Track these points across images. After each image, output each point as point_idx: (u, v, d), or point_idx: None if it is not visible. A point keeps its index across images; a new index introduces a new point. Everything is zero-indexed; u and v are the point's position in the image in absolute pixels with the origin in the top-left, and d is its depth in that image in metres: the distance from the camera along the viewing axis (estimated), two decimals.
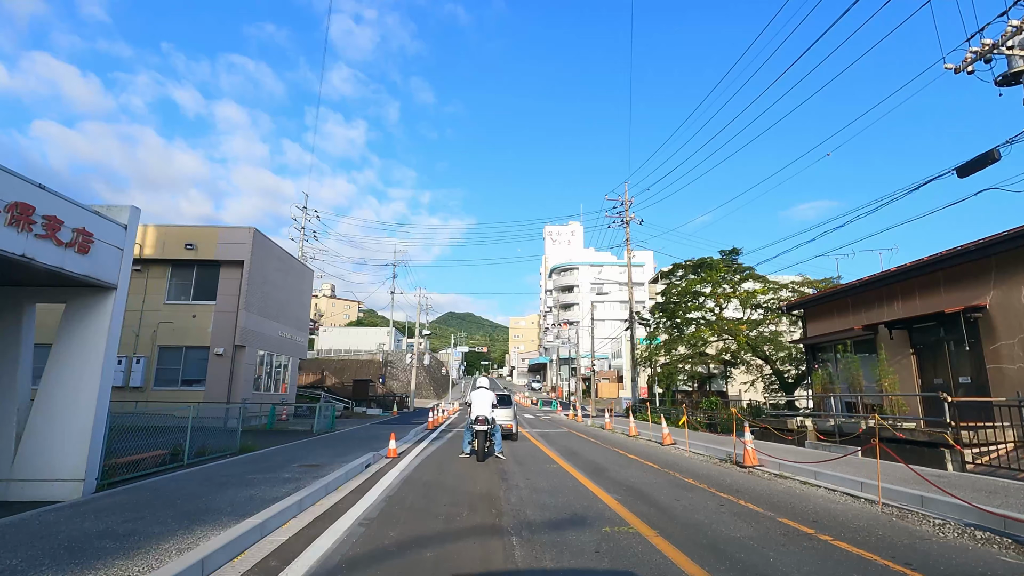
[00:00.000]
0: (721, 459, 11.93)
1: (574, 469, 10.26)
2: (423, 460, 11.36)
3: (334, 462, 9.74)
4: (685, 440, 14.67)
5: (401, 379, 67.68)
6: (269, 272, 22.33)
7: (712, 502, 7.17)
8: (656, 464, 11.16)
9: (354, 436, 16.12)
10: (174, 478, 7.81)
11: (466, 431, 11.94)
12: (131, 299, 21.27)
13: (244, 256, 20.59)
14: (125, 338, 20.03)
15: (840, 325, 15.29)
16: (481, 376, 13.51)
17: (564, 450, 13.81)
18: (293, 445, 13.10)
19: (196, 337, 20.40)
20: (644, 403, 32.55)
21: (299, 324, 26.09)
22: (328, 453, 11.26)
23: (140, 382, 19.78)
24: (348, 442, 14.04)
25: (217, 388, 19.87)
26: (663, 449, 14.29)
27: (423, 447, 14.10)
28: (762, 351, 25.76)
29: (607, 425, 22.08)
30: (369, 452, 11.25)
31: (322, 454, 11.08)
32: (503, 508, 6.65)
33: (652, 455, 12.86)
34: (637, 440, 17.07)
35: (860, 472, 8.71)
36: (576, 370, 60.52)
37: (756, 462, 10.54)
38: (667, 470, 10.28)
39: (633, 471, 10.11)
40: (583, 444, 15.67)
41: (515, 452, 13.11)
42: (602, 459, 11.98)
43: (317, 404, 18.74)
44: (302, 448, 12.39)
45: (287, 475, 8.21)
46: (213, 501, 6.24)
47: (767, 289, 26.44)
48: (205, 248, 20.63)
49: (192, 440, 10.05)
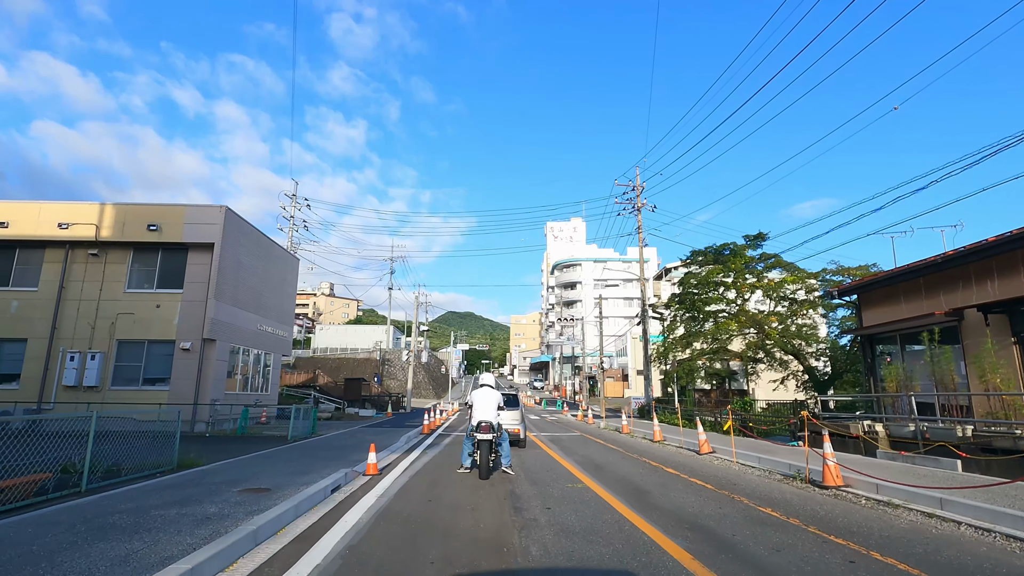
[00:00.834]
0: (785, 475, 9.53)
1: (606, 492, 7.86)
2: (411, 479, 8.96)
3: (290, 485, 7.35)
4: (730, 449, 12.29)
5: (399, 378, 65.29)
6: (245, 257, 19.93)
7: (829, 554, 4.78)
8: (708, 483, 8.76)
9: (333, 444, 13.73)
10: (30, 520, 5.39)
11: (466, 440, 9.55)
12: (87, 287, 18.93)
13: (215, 238, 18.19)
14: (79, 331, 17.69)
15: (910, 311, 12.88)
16: (484, 373, 11.04)
17: (585, 462, 11.41)
18: (253, 457, 10.71)
19: (160, 330, 18.01)
20: (660, 403, 30.13)
21: (282, 317, 23.68)
22: (289, 470, 8.86)
23: (96, 381, 17.38)
24: (323, 452, 11.65)
25: (183, 387, 17.48)
26: (703, 460, 11.89)
27: (414, 457, 11.71)
28: (792, 346, 23.36)
29: (624, 428, 19.68)
30: (342, 468, 8.85)
31: (281, 471, 8.69)
32: (521, 566, 4.28)
33: (695, 469, 10.45)
34: (665, 447, 14.68)
35: (1017, 503, 6.31)
36: (580, 368, 58.18)
37: (840, 481, 8.15)
38: (728, 493, 7.88)
39: (684, 495, 7.72)
40: (605, 453, 13.28)
41: (525, 464, 10.74)
42: (636, 475, 9.59)
43: (294, 406, 16.37)
44: (261, 462, 9.99)
45: (213, 509, 5.82)
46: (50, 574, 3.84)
47: (797, 278, 24.04)
48: (170, 229, 18.23)
49: (111, 453, 7.69)
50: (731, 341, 24.23)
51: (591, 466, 10.70)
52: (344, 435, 16.62)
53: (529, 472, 9.75)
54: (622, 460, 11.83)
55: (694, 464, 11.16)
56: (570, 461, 11.47)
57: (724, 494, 7.77)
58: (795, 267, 24.34)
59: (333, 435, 16.58)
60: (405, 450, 13.04)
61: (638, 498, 7.42)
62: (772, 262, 25.09)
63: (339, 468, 8.93)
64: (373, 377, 50.70)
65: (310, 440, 14.81)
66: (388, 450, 12.33)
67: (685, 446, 14.30)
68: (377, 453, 11.17)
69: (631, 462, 11.48)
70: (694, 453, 12.95)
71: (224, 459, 10.27)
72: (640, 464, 11.14)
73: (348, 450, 12.01)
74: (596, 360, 61.36)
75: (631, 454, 13.03)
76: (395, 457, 11.61)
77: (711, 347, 24.11)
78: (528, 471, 9.86)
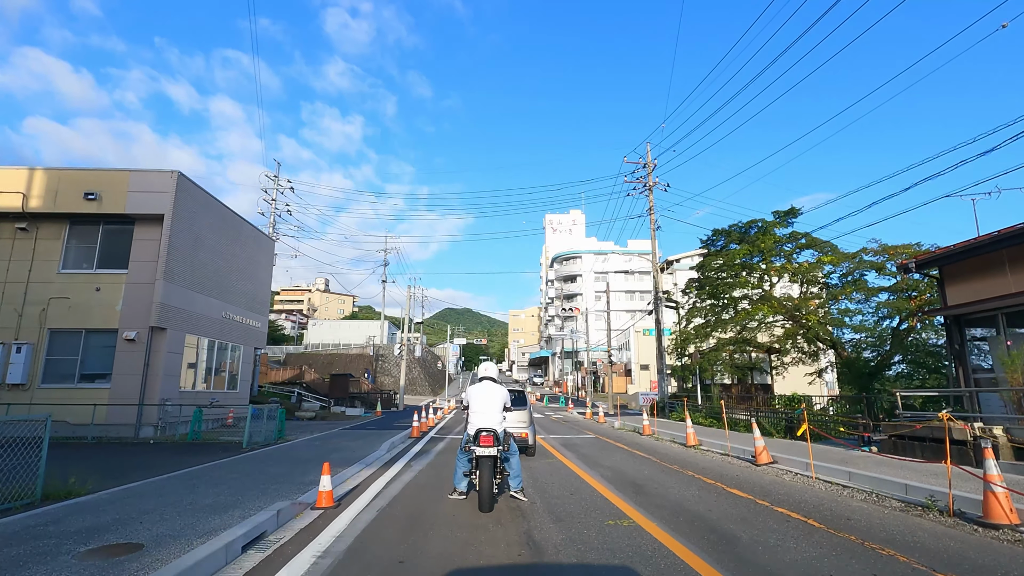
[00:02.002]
0: (906, 503, 6.86)
1: (672, 537, 5.17)
2: (380, 515, 6.26)
3: (182, 536, 4.66)
4: (789, 457, 9.66)
5: (394, 374, 62.57)
6: (205, 233, 17.15)
7: None
8: (811, 518, 6.07)
9: (294, 454, 11.05)
10: None
11: (460, 455, 6.86)
12: (14, 268, 15.91)
13: (164, 209, 15.42)
14: (3, 319, 14.94)
15: (1018, 285, 10.24)
16: (485, 362, 8.09)
17: (616, 478, 8.74)
18: (173, 478, 7.99)
19: (101, 318, 15.26)
20: (675, 399, 27.49)
21: (254, 305, 20.91)
22: (204, 503, 6.16)
23: (22, 378, 14.63)
24: (272, 469, 8.96)
25: (127, 385, 14.77)
26: (767, 475, 9.23)
27: (394, 473, 9.01)
28: (829, 334, 20.76)
29: (645, 429, 17.00)
30: (279, 502, 6.16)
31: (188, 506, 5.98)
32: None
33: (769, 490, 7.78)
34: (707, 454, 12.02)
35: None
36: (582, 364, 55.47)
37: (1016, 518, 5.50)
38: (857, 539, 5.20)
39: (792, 540, 5.04)
40: (637, 464, 10.61)
41: (539, 482, 8.07)
42: (695, 501, 6.91)
43: (252, 407, 13.70)
44: (177, 486, 7.28)
45: None
46: None
47: (834, 259, 21.43)
48: (112, 198, 15.46)
49: None
50: (761, 330, 21.61)
51: (627, 486, 8.03)
52: (316, 441, 13.93)
53: (547, 497, 7.07)
54: (663, 475, 9.16)
55: (762, 482, 8.49)
56: (597, 477, 8.79)
57: (852, 541, 5.10)
58: (832, 246, 21.70)
59: (302, 441, 13.89)
60: (385, 462, 10.35)
61: (728, 550, 4.74)
62: (804, 242, 22.46)
63: (277, 499, 6.23)
64: (364, 373, 47.97)
65: (271, 448, 12.12)
66: (361, 463, 9.64)
67: (732, 453, 11.66)
68: (346, 469, 8.53)
69: (677, 478, 8.81)
70: (748, 464, 10.30)
71: (132, 481, 7.56)
72: (691, 482, 8.47)
73: (309, 464, 9.30)
74: (597, 355, 58.71)
75: (670, 465, 10.36)
76: (368, 474, 8.91)
77: (738, 336, 21.48)
78: (546, 496, 7.19)
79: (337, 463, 9.28)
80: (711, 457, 11.54)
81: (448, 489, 7.30)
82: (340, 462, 9.50)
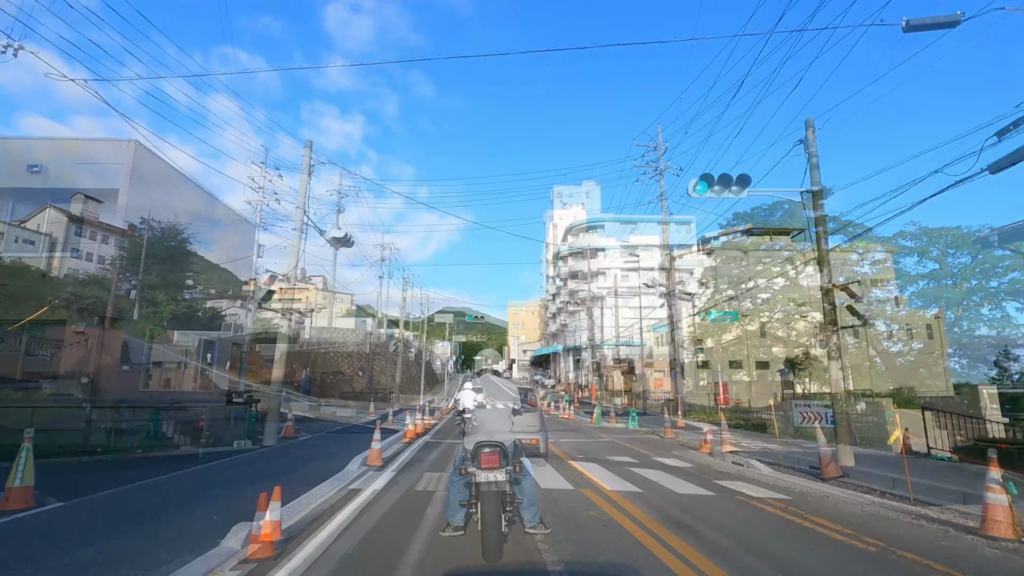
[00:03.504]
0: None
1: None
2: (340, 566, 4.29)
3: None
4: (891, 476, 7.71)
5: (389, 373, 60.68)
6: (168, 212, 15.17)
7: None
8: None
9: (257, 467, 9.12)
10: None
11: (454, 479, 4.88)
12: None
13: (120, 183, 13.49)
14: None
15: None
16: (486, 349, 5.95)
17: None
18: (71, 507, 6.03)
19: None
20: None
21: (229, 292, 18.95)
22: (84, 556, 4.20)
23: None
24: (216, 491, 7.01)
25: (74, 383, 12.81)
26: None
27: (373, 492, 7.04)
28: (867, 323, 18.88)
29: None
30: (202, 552, 4.21)
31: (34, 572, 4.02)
32: None
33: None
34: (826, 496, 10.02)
35: None
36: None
37: None
38: None
39: None
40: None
41: (562, 515, 6.11)
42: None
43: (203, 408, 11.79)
44: (68, 523, 5.34)
45: None
46: None
47: (868, 246, 19.54)
48: (60, 172, 13.53)
49: None
50: (791, 321, 19.72)
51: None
52: (288, 448, 11.98)
53: (577, 543, 5.11)
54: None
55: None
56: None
57: None
58: (865, 227, 19.76)
59: (274, 449, 11.94)
60: (365, 477, 8.38)
61: None
62: (833, 227, 20.53)
63: (201, 546, 4.28)
64: (359, 372, 46.08)
65: (236, 458, 10.16)
66: (333, 480, 7.68)
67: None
68: (312, 489, 6.59)
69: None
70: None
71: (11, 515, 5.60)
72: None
73: (269, 481, 7.34)
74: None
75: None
76: (338, 495, 6.94)
77: (769, 327, 19.58)
78: (571, 535, 5.24)
79: (300, 481, 7.32)
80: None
81: (440, 521, 5.34)
82: (306, 479, 7.54)
